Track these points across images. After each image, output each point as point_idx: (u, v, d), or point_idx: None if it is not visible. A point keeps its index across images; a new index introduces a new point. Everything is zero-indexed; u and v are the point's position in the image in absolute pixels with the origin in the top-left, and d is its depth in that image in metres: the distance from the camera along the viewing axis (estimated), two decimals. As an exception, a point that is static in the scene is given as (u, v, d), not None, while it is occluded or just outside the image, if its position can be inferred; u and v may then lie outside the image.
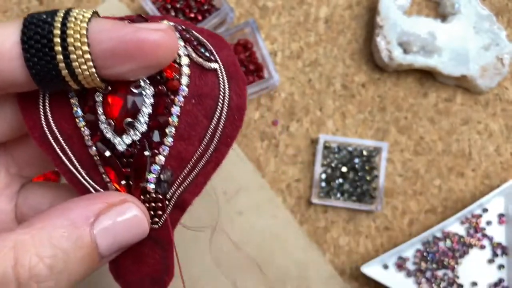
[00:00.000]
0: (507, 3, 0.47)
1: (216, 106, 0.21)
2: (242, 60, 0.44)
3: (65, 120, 0.21)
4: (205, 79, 0.21)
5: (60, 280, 0.17)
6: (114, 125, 0.20)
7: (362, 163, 0.44)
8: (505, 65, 0.44)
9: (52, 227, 0.17)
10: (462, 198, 0.45)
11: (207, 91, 0.21)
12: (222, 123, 0.21)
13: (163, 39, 0.18)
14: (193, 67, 0.20)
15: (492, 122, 0.46)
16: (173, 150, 0.21)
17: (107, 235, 0.19)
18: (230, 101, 0.21)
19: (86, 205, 0.19)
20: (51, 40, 0.18)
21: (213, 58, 0.21)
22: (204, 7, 0.44)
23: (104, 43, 0.18)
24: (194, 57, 0.20)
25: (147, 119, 0.20)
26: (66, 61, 0.18)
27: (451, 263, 0.43)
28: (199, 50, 0.21)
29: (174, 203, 0.22)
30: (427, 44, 0.44)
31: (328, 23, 0.47)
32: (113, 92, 0.20)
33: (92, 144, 0.21)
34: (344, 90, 0.46)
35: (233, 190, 0.44)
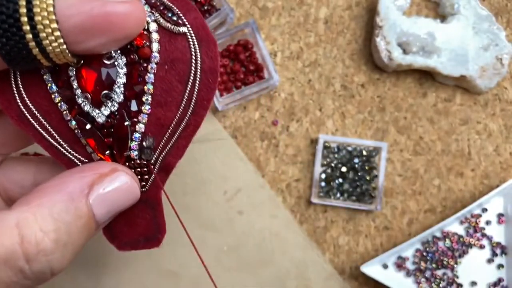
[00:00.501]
0: (506, 3, 0.47)
1: (189, 70, 0.21)
2: (242, 60, 0.45)
3: (41, 97, 0.21)
4: (175, 43, 0.21)
5: (65, 251, 0.18)
6: (91, 98, 0.21)
7: (362, 163, 0.44)
8: (504, 65, 0.44)
9: (51, 202, 0.18)
10: (461, 198, 0.45)
11: (179, 56, 0.21)
12: (197, 86, 0.21)
13: (131, 10, 0.18)
14: (162, 33, 0.21)
15: (491, 122, 0.46)
16: (152, 117, 0.21)
17: (102, 203, 0.20)
18: (202, 64, 0.21)
19: (80, 177, 0.20)
20: (18, 20, 0.17)
21: (181, 22, 0.21)
22: (204, 8, 0.44)
23: (72, 18, 0.18)
24: (162, 23, 0.21)
25: (123, 89, 0.21)
26: (35, 39, 0.18)
27: (450, 263, 0.43)
28: (166, 15, 0.21)
29: (158, 166, 0.22)
30: (426, 45, 0.44)
31: (327, 23, 0.47)
32: (86, 66, 0.20)
33: (71, 118, 0.21)
34: (343, 90, 0.46)
35: (233, 190, 0.44)
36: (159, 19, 0.21)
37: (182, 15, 0.21)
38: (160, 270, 0.43)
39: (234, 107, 0.45)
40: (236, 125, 0.45)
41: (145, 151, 0.22)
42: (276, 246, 0.44)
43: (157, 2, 0.21)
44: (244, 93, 0.43)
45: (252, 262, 0.44)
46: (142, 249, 0.24)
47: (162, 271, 0.43)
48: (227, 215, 0.44)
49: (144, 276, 0.43)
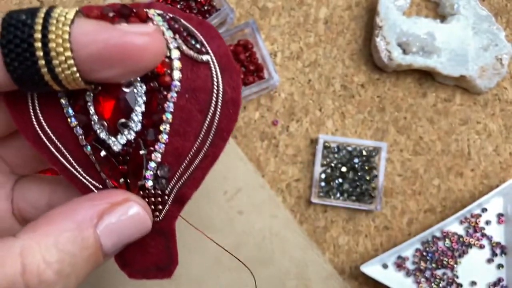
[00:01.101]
0: (506, 3, 0.47)
1: (210, 100, 0.20)
2: (242, 60, 0.45)
3: (57, 120, 0.20)
4: (197, 72, 0.20)
5: (68, 282, 0.18)
6: (107, 125, 0.20)
7: (362, 163, 0.44)
8: (504, 66, 0.45)
9: (57, 231, 0.18)
10: (461, 197, 0.45)
11: (200, 85, 0.20)
12: (217, 117, 0.21)
13: (150, 43, 0.18)
14: (184, 60, 0.20)
15: (491, 122, 0.46)
16: (169, 146, 0.21)
17: (111, 234, 0.19)
18: (224, 95, 0.20)
19: (89, 206, 0.19)
20: (32, 45, 0.17)
21: (204, 50, 0.20)
22: (204, 8, 0.44)
23: (88, 47, 0.17)
24: (184, 50, 0.20)
25: (141, 117, 0.20)
26: (48, 66, 0.17)
27: (450, 263, 0.43)
28: (189, 42, 0.20)
29: (173, 197, 0.22)
30: (426, 45, 0.44)
31: (327, 23, 0.47)
32: (103, 92, 0.20)
33: (87, 144, 0.20)
34: (343, 90, 0.46)
35: (233, 190, 0.44)
36: (182, 46, 0.20)
37: (205, 43, 0.20)
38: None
39: (234, 107, 0.45)
40: (236, 125, 0.45)
41: (160, 181, 0.21)
42: (276, 246, 0.44)
43: (180, 27, 0.20)
44: (244, 93, 0.43)
45: (252, 262, 0.44)
46: (153, 278, 0.23)
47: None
48: (227, 215, 0.44)
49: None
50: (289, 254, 0.44)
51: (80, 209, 0.19)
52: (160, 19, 0.20)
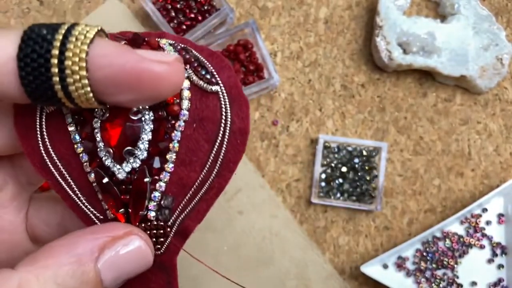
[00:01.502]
0: (506, 3, 0.47)
1: (218, 130, 0.20)
2: (242, 60, 0.45)
3: (64, 146, 0.20)
4: (206, 102, 0.20)
5: None
6: (113, 153, 0.20)
7: (362, 163, 0.44)
8: (504, 65, 0.44)
9: (57, 264, 0.17)
10: (461, 198, 0.45)
11: (208, 115, 0.20)
12: (224, 147, 0.20)
13: (168, 73, 0.17)
14: (193, 90, 0.20)
15: (491, 122, 0.46)
16: (174, 176, 0.20)
17: (112, 268, 0.19)
18: (232, 125, 0.20)
19: (90, 239, 0.19)
20: (48, 61, 0.17)
21: (214, 80, 0.20)
22: (204, 8, 0.44)
23: (104, 69, 0.17)
24: (194, 80, 0.20)
25: (147, 145, 0.20)
26: (62, 84, 0.17)
27: (450, 263, 0.43)
28: (199, 72, 0.20)
29: (176, 229, 0.21)
30: (426, 45, 0.44)
31: (327, 23, 0.47)
32: (111, 119, 0.20)
33: (91, 170, 0.20)
34: (343, 90, 0.46)
35: (233, 190, 0.44)
36: (192, 76, 0.20)
37: (215, 73, 0.20)
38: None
39: (234, 107, 0.45)
40: (236, 125, 0.45)
41: (163, 211, 0.21)
42: (276, 246, 0.44)
43: (191, 58, 0.20)
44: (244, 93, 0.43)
45: (252, 262, 0.44)
46: None
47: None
48: (227, 215, 0.44)
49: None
50: (289, 254, 0.44)
51: (81, 242, 0.18)
52: (171, 49, 0.20)
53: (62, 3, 0.46)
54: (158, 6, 0.44)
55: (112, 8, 0.46)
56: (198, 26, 0.43)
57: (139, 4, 0.46)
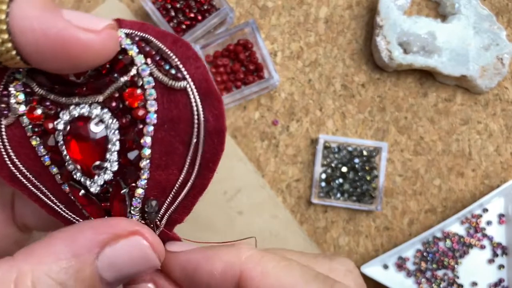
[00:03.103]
0: (507, 3, 0.47)
1: (192, 130, 0.18)
2: (242, 60, 0.44)
3: (30, 158, 0.19)
4: (174, 100, 0.18)
5: None
6: (81, 168, 0.19)
7: (362, 163, 0.44)
8: (505, 65, 0.44)
9: (52, 258, 0.16)
10: (462, 198, 0.45)
11: (179, 114, 0.18)
12: (200, 148, 0.19)
13: (96, 42, 0.16)
14: (158, 88, 0.18)
15: (492, 122, 0.46)
16: (152, 181, 0.19)
17: (112, 268, 0.17)
18: (206, 124, 0.18)
19: (92, 234, 0.17)
20: None
21: (180, 75, 0.18)
22: (204, 7, 0.44)
23: (26, 34, 0.15)
24: (158, 76, 0.18)
25: (117, 156, 0.18)
26: None
27: (451, 263, 0.43)
28: (163, 67, 0.18)
29: (165, 222, 0.20)
30: (427, 44, 0.44)
31: (328, 23, 0.47)
32: (72, 131, 0.18)
33: (64, 182, 0.19)
34: (344, 90, 0.46)
35: (233, 190, 0.44)
36: (156, 73, 0.18)
37: (181, 67, 0.18)
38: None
39: (234, 106, 0.45)
40: (236, 125, 0.45)
41: (148, 215, 0.20)
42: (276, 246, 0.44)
43: (152, 50, 0.18)
44: (244, 92, 0.43)
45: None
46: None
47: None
48: (227, 215, 0.44)
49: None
50: (289, 254, 0.44)
51: (81, 236, 0.17)
52: (129, 42, 0.18)
53: (62, 2, 0.46)
54: (158, 5, 0.44)
55: (112, 7, 0.46)
56: (198, 26, 0.43)
57: (139, 3, 0.46)
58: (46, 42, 0.15)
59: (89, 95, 0.18)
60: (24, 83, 0.18)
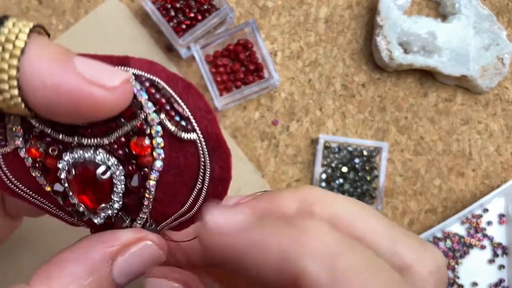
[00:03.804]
0: (507, 3, 0.47)
1: (197, 177, 0.19)
2: (242, 60, 0.44)
3: (30, 181, 0.19)
4: (182, 150, 0.18)
5: None
6: (85, 207, 0.19)
7: (362, 163, 0.44)
8: (505, 65, 0.44)
9: (72, 278, 0.17)
10: (462, 198, 0.45)
11: (186, 163, 0.18)
12: (204, 192, 0.19)
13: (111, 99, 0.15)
14: (167, 137, 0.18)
15: (492, 122, 0.46)
16: (154, 211, 0.19)
17: (125, 273, 0.19)
18: (212, 173, 0.19)
19: (102, 248, 0.18)
20: None
21: (190, 127, 0.18)
22: (204, 7, 0.44)
23: (37, 92, 0.15)
24: (168, 127, 0.18)
25: (121, 197, 0.18)
26: None
27: (451, 263, 0.43)
28: (173, 118, 0.18)
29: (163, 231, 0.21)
30: (427, 44, 0.44)
31: (328, 23, 0.46)
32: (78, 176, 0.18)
33: (68, 206, 0.19)
34: (344, 90, 0.46)
35: (233, 190, 0.44)
36: (166, 123, 0.17)
37: (192, 119, 0.18)
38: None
39: (234, 106, 0.45)
40: (236, 125, 0.45)
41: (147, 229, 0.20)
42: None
43: (162, 98, 0.17)
44: (244, 92, 0.43)
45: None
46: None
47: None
48: (227, 215, 0.44)
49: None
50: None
51: (92, 252, 0.18)
52: (138, 87, 0.17)
53: (61, 2, 0.46)
54: (158, 5, 0.44)
55: (112, 7, 0.46)
56: (197, 26, 0.43)
57: (139, 3, 0.46)
58: (57, 99, 0.15)
59: (94, 137, 0.17)
60: (22, 117, 0.17)
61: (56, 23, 0.46)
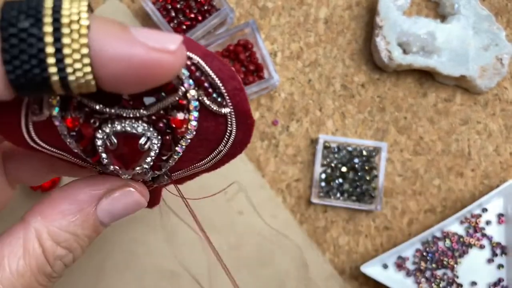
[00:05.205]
0: (506, 3, 0.47)
1: (221, 142, 0.21)
2: (242, 60, 0.45)
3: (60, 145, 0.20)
4: (214, 122, 0.20)
5: (76, 251, 0.21)
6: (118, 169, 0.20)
7: (362, 163, 0.44)
8: (504, 65, 0.44)
9: (61, 215, 0.20)
10: (461, 198, 0.45)
11: (214, 132, 0.20)
12: (224, 152, 0.21)
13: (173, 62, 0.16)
14: (202, 111, 0.19)
15: (491, 122, 0.46)
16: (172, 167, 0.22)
17: (108, 215, 0.21)
18: (235, 138, 0.21)
19: (90, 190, 0.21)
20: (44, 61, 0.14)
21: (224, 103, 0.20)
22: (204, 8, 0.44)
23: (108, 66, 0.15)
24: (205, 102, 0.19)
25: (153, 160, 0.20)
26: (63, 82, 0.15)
27: (450, 263, 0.43)
28: (211, 95, 0.19)
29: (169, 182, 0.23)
30: (426, 45, 0.44)
31: (327, 23, 0.47)
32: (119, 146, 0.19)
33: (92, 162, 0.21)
34: (343, 90, 0.46)
35: (233, 190, 0.44)
36: (203, 99, 0.19)
37: (226, 95, 0.19)
38: (160, 270, 0.43)
39: (234, 107, 0.45)
40: (236, 125, 0.45)
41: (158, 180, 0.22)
42: (276, 246, 0.44)
43: (202, 77, 0.19)
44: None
45: (252, 262, 0.44)
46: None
47: (162, 271, 0.43)
48: (227, 215, 0.44)
49: (144, 276, 0.43)
50: (289, 254, 0.44)
51: (80, 194, 0.21)
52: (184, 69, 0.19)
53: (62, 3, 0.46)
54: (158, 6, 0.44)
55: (112, 8, 0.46)
56: (198, 26, 0.43)
57: (139, 4, 0.46)
58: (129, 70, 0.15)
59: (134, 109, 0.18)
60: None
61: (57, 23, 0.46)
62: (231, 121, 0.20)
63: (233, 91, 0.19)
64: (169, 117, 0.19)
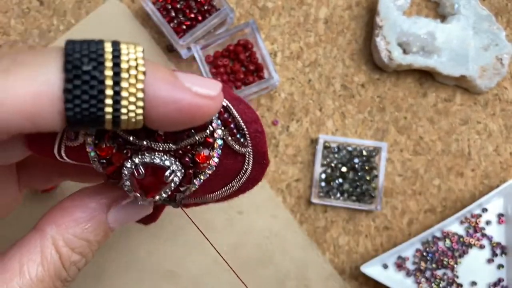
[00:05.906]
0: (506, 3, 0.47)
1: (236, 178, 0.22)
2: (242, 60, 0.45)
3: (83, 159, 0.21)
4: (233, 159, 0.22)
5: (88, 257, 0.23)
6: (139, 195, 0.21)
7: (362, 163, 0.44)
8: (504, 65, 0.44)
9: (74, 223, 0.22)
10: (461, 198, 0.45)
11: (231, 169, 0.22)
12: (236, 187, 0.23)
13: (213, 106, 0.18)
14: (225, 149, 0.21)
15: (491, 122, 0.46)
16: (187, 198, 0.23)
17: (117, 220, 0.23)
18: (249, 176, 0.22)
19: (100, 199, 0.22)
20: (102, 101, 0.16)
21: (246, 143, 0.21)
22: (204, 8, 0.44)
23: (158, 109, 0.17)
24: (229, 141, 0.21)
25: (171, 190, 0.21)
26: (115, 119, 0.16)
27: (450, 263, 0.43)
28: (235, 135, 0.21)
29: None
30: (426, 45, 0.44)
31: (327, 23, 0.47)
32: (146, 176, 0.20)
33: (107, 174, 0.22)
34: (343, 90, 0.46)
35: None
36: (227, 138, 0.21)
37: (248, 137, 0.21)
38: (160, 270, 0.43)
39: (234, 107, 0.45)
40: (236, 125, 0.45)
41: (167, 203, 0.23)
42: (276, 246, 0.44)
43: (228, 119, 0.21)
44: (244, 93, 0.43)
45: (252, 262, 0.44)
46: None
47: (162, 271, 0.43)
48: (227, 215, 0.44)
49: (144, 276, 0.43)
50: (289, 254, 0.44)
51: (92, 202, 0.22)
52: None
53: (62, 3, 0.46)
54: (158, 6, 0.44)
55: (112, 8, 0.46)
56: (198, 26, 0.43)
57: (139, 4, 0.46)
58: (177, 113, 0.17)
59: (164, 142, 0.20)
60: None
61: (57, 23, 0.46)
62: (249, 160, 0.22)
63: (254, 133, 0.21)
64: (194, 152, 0.20)
